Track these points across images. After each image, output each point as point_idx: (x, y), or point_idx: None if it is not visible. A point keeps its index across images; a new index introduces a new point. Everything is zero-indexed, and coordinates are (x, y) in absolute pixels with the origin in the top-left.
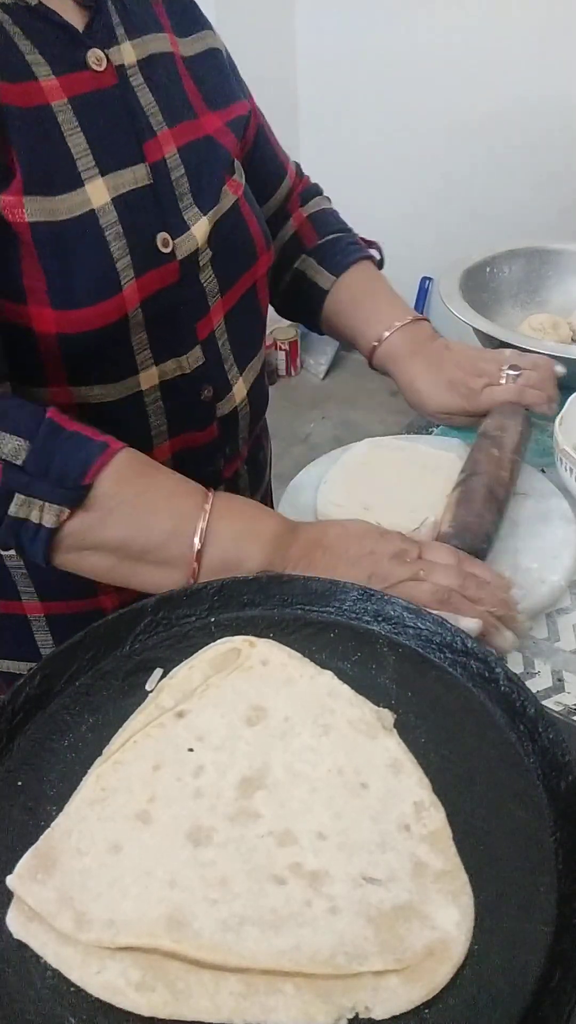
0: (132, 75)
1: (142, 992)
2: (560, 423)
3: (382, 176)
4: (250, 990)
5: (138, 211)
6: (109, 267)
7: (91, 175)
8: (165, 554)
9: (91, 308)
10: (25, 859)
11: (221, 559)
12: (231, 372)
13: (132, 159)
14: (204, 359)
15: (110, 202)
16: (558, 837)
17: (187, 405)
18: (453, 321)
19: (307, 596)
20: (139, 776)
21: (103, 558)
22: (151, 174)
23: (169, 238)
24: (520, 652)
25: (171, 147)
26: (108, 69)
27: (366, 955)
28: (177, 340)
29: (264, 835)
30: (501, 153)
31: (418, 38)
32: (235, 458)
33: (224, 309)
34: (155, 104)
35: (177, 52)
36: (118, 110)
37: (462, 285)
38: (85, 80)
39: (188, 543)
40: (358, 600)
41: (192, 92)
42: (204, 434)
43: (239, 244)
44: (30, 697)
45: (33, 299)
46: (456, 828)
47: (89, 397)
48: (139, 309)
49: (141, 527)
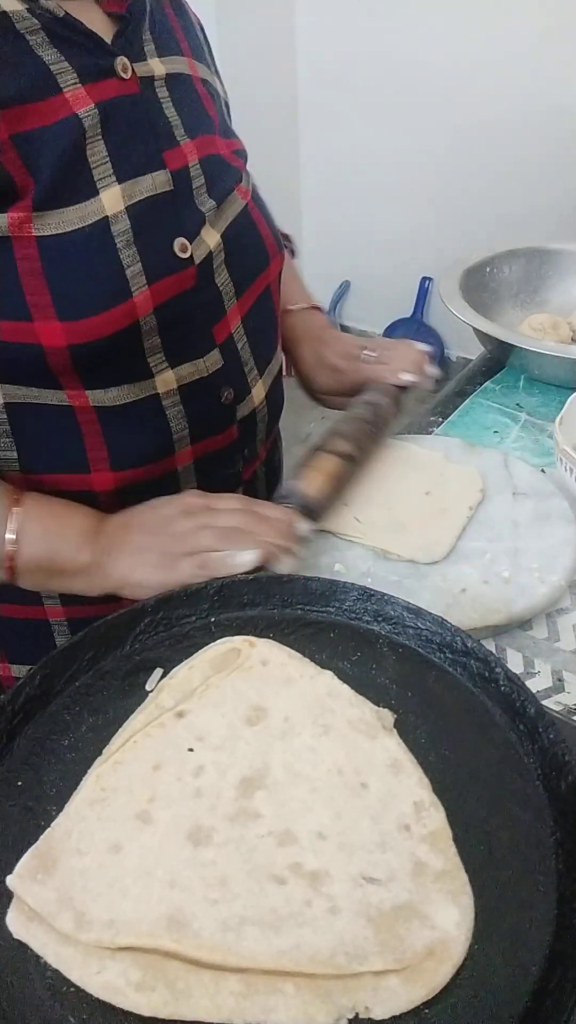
0: (159, 87)
1: (142, 992)
2: (560, 423)
3: (382, 176)
4: (250, 990)
5: (154, 218)
6: (118, 274)
7: (108, 183)
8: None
9: (99, 316)
10: (25, 859)
11: (35, 559)
12: (251, 374)
13: (152, 166)
14: (223, 362)
15: (124, 210)
16: (558, 837)
17: (207, 408)
18: (453, 321)
19: (307, 596)
20: (139, 776)
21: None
22: (172, 181)
23: (187, 243)
24: (520, 652)
25: (194, 157)
26: (133, 77)
27: (366, 955)
28: (193, 344)
29: (264, 835)
30: (502, 153)
31: (418, 38)
32: (254, 460)
33: (241, 312)
34: (178, 117)
35: (196, 75)
36: (140, 117)
37: (462, 285)
38: (111, 87)
39: (1, 547)
40: (358, 600)
41: (212, 113)
42: (224, 436)
43: (251, 247)
44: (30, 697)
45: (39, 315)
46: (456, 828)
47: (105, 400)
48: (152, 315)
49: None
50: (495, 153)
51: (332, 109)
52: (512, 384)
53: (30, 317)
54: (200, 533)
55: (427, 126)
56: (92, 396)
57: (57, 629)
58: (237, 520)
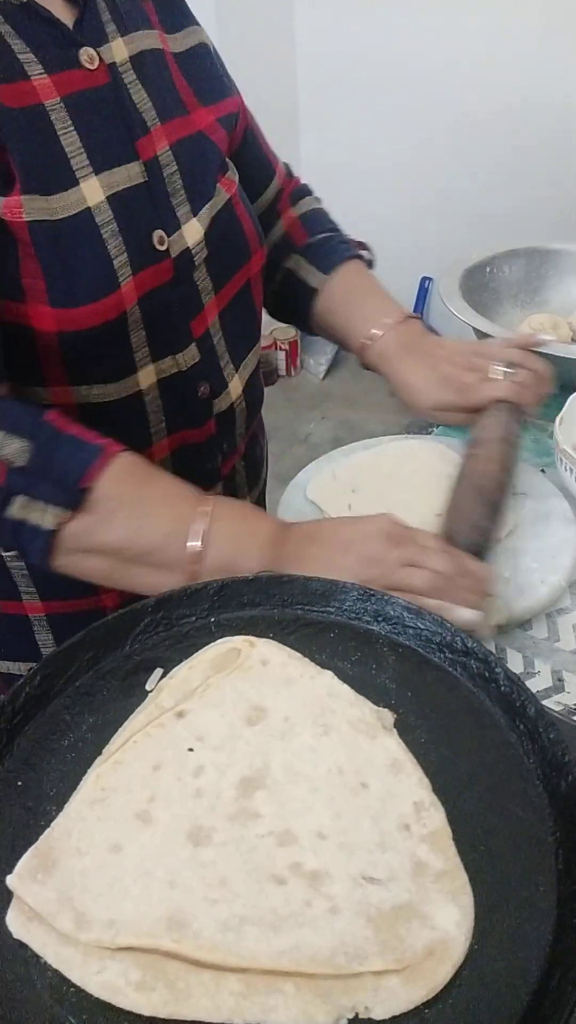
0: (124, 72)
1: (142, 992)
2: (560, 423)
3: (382, 176)
4: (250, 990)
5: (133, 209)
6: (107, 265)
7: (85, 174)
8: (163, 557)
9: (90, 306)
10: (25, 859)
11: (220, 561)
12: (227, 369)
13: (126, 157)
14: (200, 357)
15: (105, 200)
16: (558, 837)
17: (184, 402)
18: (453, 321)
19: (307, 596)
20: (139, 776)
21: (102, 561)
22: (145, 172)
23: (165, 235)
24: (520, 652)
25: (164, 144)
26: (100, 67)
27: (366, 955)
28: (172, 338)
29: (264, 835)
30: (501, 153)
31: (418, 37)
32: (232, 455)
33: (218, 307)
34: (148, 101)
35: (167, 48)
36: (111, 108)
37: (462, 285)
38: (77, 79)
39: (186, 546)
40: (358, 600)
41: (183, 88)
42: (201, 431)
43: (233, 242)
44: (30, 697)
45: (32, 298)
46: (456, 828)
47: (89, 397)
48: (136, 307)
49: (139, 530)
50: (495, 153)
51: (332, 109)
52: None
53: (24, 299)
54: (411, 572)
55: (427, 126)
56: (77, 393)
57: (37, 625)
58: (445, 566)
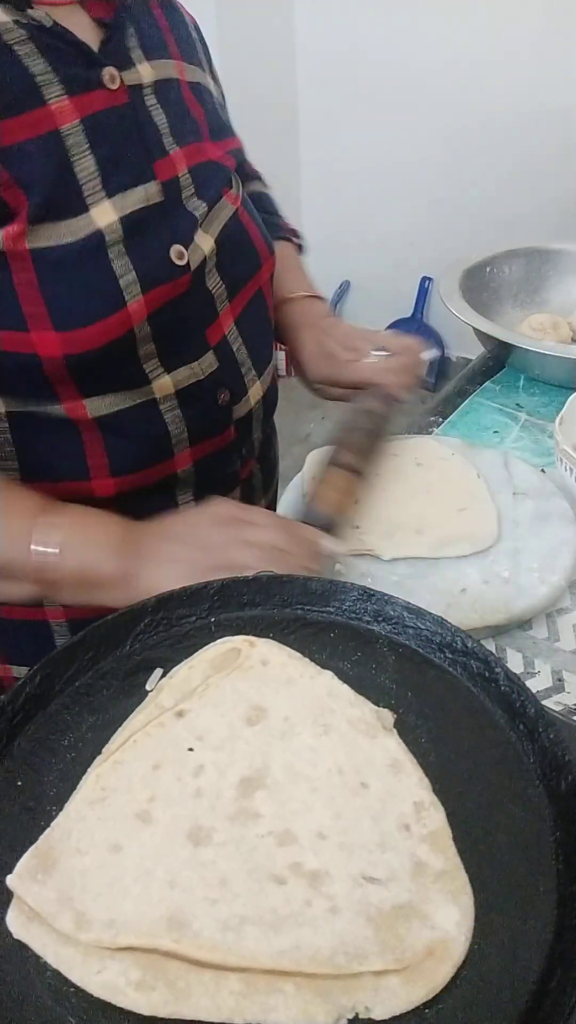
0: (147, 95)
1: (142, 992)
2: (560, 423)
3: (382, 176)
4: (250, 989)
5: (147, 227)
6: (112, 284)
7: (97, 199)
8: (12, 570)
9: (95, 326)
10: (25, 859)
11: (73, 569)
12: (248, 375)
13: (143, 177)
14: (218, 364)
15: (117, 221)
16: (558, 837)
17: (204, 410)
18: (453, 321)
19: (307, 596)
20: (139, 776)
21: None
22: (162, 191)
23: (184, 250)
24: (520, 652)
25: (183, 167)
26: (121, 88)
27: (366, 955)
28: (187, 348)
29: (264, 835)
30: (501, 153)
31: (418, 37)
32: (250, 458)
33: (234, 314)
34: (167, 125)
35: (183, 79)
36: (129, 128)
37: (462, 285)
38: (99, 99)
39: (31, 557)
40: (358, 600)
41: (200, 118)
42: (222, 438)
43: (242, 251)
44: (30, 697)
45: (35, 325)
46: (456, 828)
47: (103, 409)
48: (146, 322)
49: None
50: (495, 153)
51: (332, 109)
52: (512, 384)
53: (26, 328)
54: (237, 548)
55: (427, 126)
56: (90, 405)
57: (57, 631)
58: (272, 537)
